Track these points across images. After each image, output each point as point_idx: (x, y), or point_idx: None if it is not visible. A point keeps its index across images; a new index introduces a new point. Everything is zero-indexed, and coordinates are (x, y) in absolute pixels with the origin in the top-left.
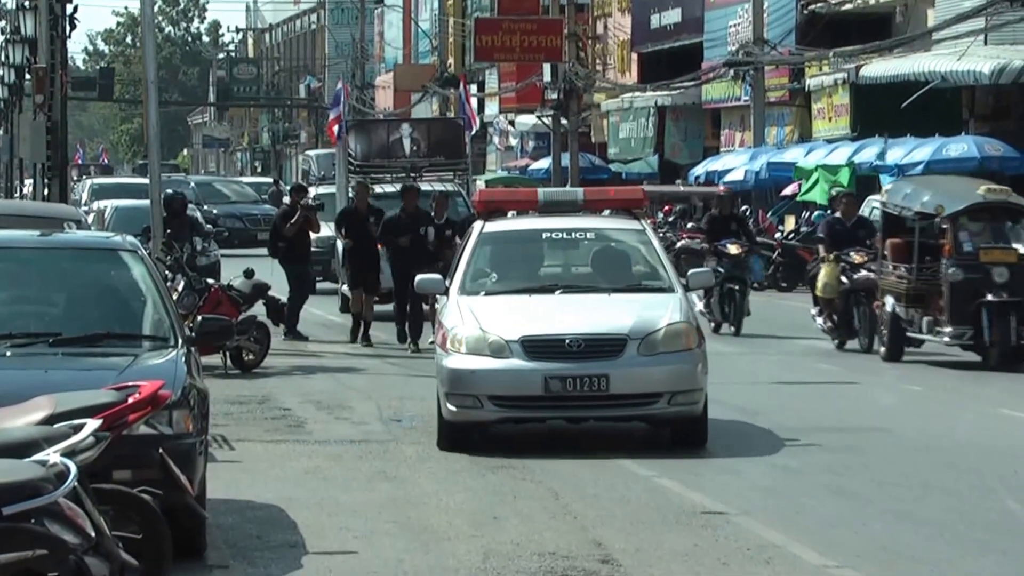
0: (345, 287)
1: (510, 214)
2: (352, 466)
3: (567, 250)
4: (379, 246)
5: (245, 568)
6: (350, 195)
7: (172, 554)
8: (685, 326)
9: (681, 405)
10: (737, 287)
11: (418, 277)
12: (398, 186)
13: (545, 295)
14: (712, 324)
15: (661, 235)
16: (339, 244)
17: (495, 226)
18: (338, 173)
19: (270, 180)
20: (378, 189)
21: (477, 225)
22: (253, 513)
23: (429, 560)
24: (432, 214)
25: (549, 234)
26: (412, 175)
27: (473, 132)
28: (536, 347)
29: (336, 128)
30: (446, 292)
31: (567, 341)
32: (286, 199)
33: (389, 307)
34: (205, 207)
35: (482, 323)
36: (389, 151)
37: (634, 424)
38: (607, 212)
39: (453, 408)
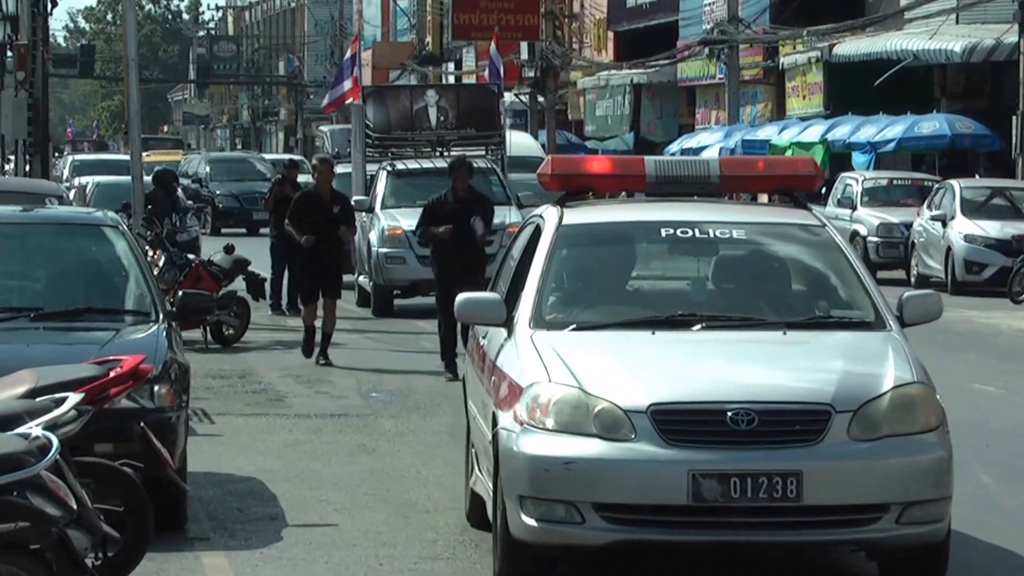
0: (363, 278)
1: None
2: (332, 439)
3: (702, 257)
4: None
5: (226, 540)
6: (368, 173)
7: (153, 527)
8: (921, 391)
9: (917, 524)
10: None
11: (461, 298)
12: (423, 162)
13: (677, 331)
14: None
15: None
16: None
17: (580, 216)
18: (354, 148)
19: (298, 157)
20: (400, 165)
21: (549, 215)
22: (234, 486)
23: (408, 532)
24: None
25: (671, 231)
26: (439, 150)
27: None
28: (677, 422)
29: (348, 99)
30: (505, 323)
31: (730, 414)
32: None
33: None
34: (212, 183)
35: (581, 379)
36: (412, 122)
37: None
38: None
39: (532, 522)
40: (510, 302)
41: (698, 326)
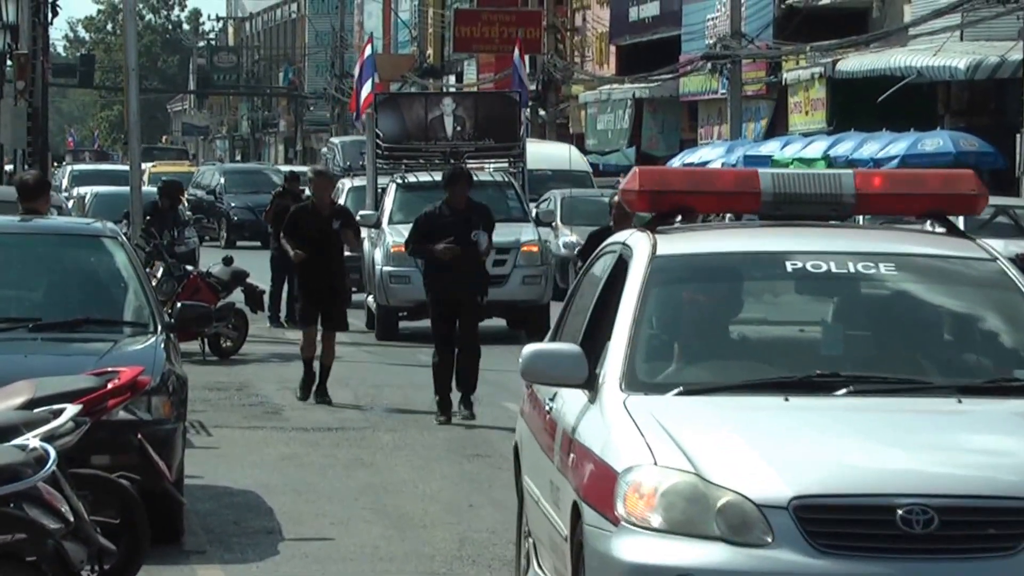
0: (370, 298)
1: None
2: (329, 453)
3: (840, 299)
4: (344, 254)
5: (222, 553)
6: (378, 187)
7: (149, 539)
8: None
9: None
10: None
11: (530, 351)
12: (436, 175)
13: (816, 397)
14: None
15: None
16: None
17: (679, 245)
18: (368, 160)
19: (301, 169)
20: (411, 178)
21: (638, 242)
22: (230, 499)
23: (405, 547)
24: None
25: (799, 264)
26: (453, 162)
27: (527, 107)
28: (829, 522)
29: (367, 101)
30: (587, 384)
31: (901, 512)
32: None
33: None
34: (226, 195)
35: (697, 462)
36: (427, 132)
37: None
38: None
39: None
40: (590, 356)
41: (843, 390)
